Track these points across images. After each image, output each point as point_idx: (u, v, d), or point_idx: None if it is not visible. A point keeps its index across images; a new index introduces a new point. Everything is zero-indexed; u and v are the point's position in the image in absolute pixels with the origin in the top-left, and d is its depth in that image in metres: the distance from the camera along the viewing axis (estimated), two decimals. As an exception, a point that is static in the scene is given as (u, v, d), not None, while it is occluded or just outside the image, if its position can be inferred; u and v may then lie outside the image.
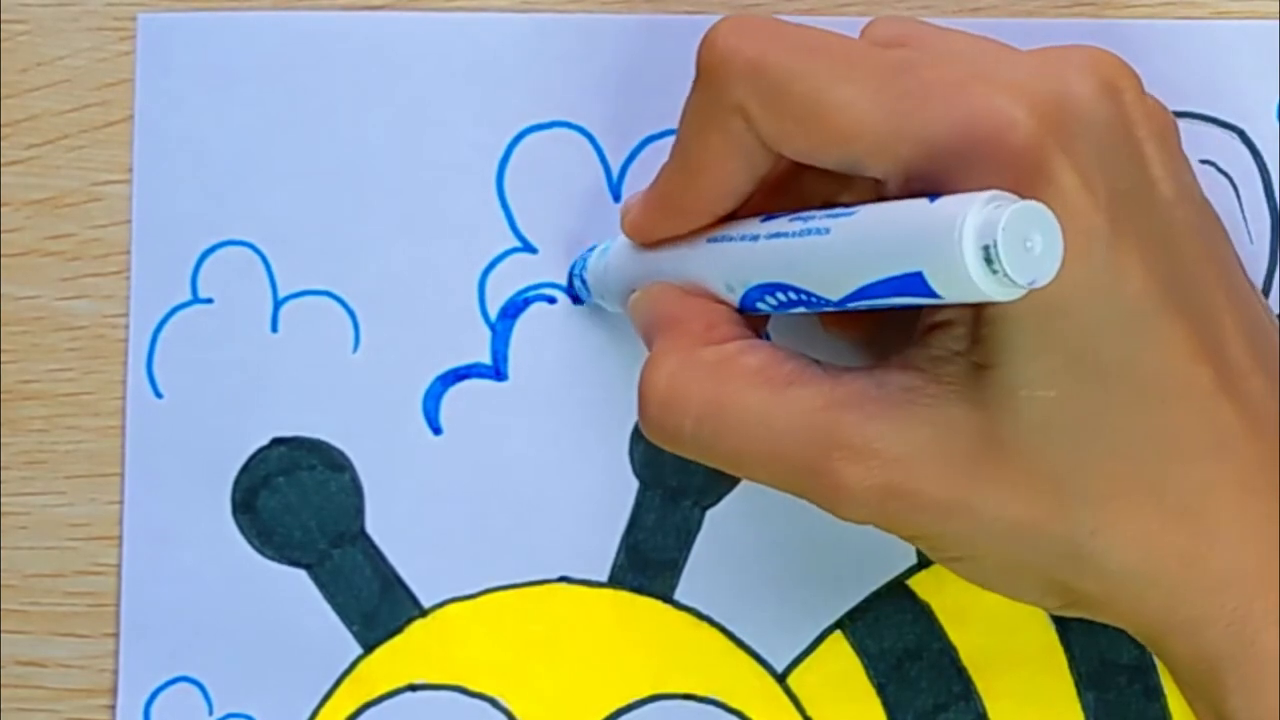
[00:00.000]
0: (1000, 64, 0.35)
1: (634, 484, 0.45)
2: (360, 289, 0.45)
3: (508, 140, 0.45)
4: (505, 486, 0.45)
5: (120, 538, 0.45)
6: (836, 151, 0.35)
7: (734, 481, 0.45)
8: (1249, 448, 0.36)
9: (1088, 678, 0.44)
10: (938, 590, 0.44)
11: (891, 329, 0.40)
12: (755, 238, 0.37)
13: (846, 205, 0.35)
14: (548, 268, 0.45)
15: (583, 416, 0.45)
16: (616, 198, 0.45)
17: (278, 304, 0.45)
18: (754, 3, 0.45)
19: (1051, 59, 0.36)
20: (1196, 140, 0.43)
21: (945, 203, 0.32)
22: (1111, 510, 0.35)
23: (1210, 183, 0.43)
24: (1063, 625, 0.44)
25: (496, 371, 0.45)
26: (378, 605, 0.45)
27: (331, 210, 0.45)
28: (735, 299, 0.38)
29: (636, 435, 0.45)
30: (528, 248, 0.45)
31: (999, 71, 0.35)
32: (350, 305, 0.45)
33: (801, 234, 0.35)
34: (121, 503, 0.45)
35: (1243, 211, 0.43)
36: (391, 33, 0.45)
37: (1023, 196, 0.31)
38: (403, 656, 0.45)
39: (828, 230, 0.34)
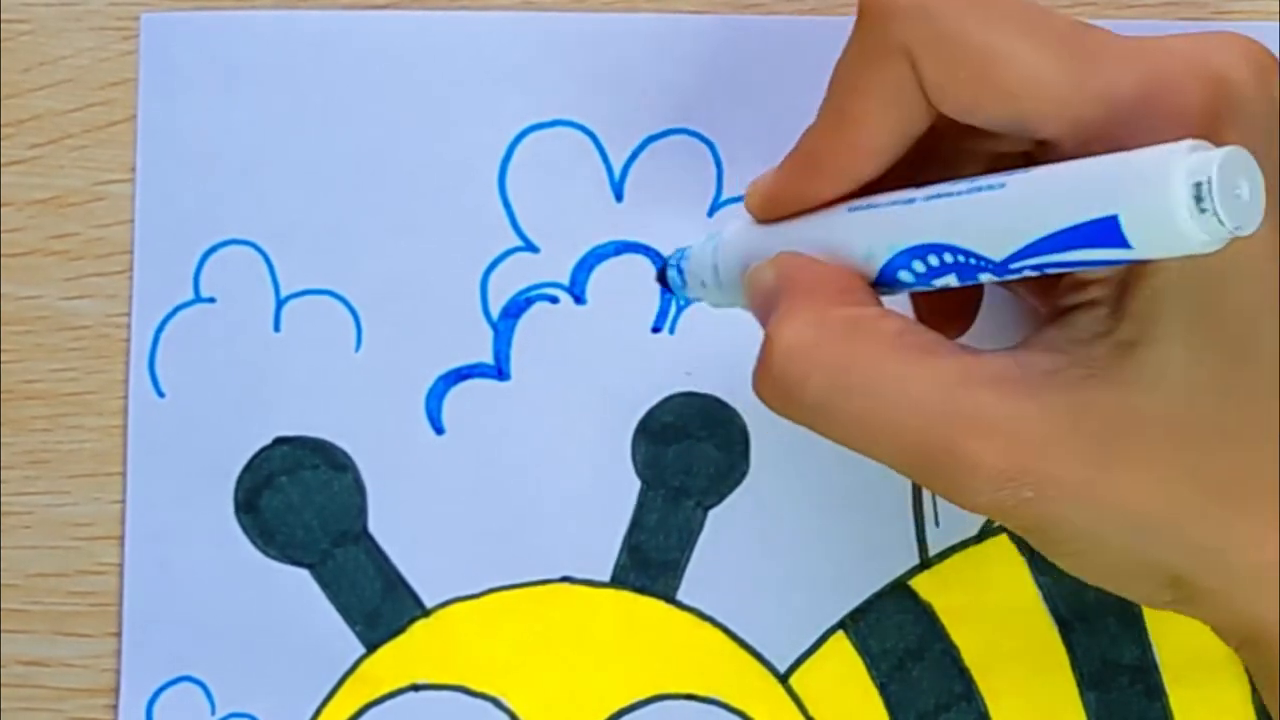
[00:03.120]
0: (1164, 39, 0.34)
1: (636, 484, 0.45)
2: (362, 288, 0.45)
3: (510, 139, 0.45)
4: (507, 486, 0.45)
5: (123, 537, 0.45)
6: (1007, 107, 0.34)
7: (736, 481, 0.45)
8: None
9: (1089, 678, 0.44)
10: (940, 591, 0.44)
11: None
12: (910, 201, 0.35)
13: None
14: (550, 267, 0.45)
15: (585, 416, 0.45)
16: (618, 197, 0.45)
17: (280, 303, 0.45)
18: (754, 3, 0.45)
19: (1213, 41, 0.35)
20: (1199, 140, 0.43)
21: (1149, 150, 0.30)
22: (1245, 503, 0.34)
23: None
24: (1064, 625, 0.44)
25: (499, 371, 0.45)
26: (380, 605, 0.45)
27: (334, 210, 0.45)
28: (875, 268, 0.36)
29: (639, 435, 0.45)
30: (530, 247, 0.45)
31: (1167, 44, 0.34)
32: (352, 305, 0.45)
33: (969, 192, 0.34)
34: (124, 502, 0.45)
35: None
36: (394, 32, 0.45)
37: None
38: (405, 656, 0.45)
39: (1002, 185, 0.33)
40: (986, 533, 0.44)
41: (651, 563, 0.45)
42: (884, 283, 0.36)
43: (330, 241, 0.45)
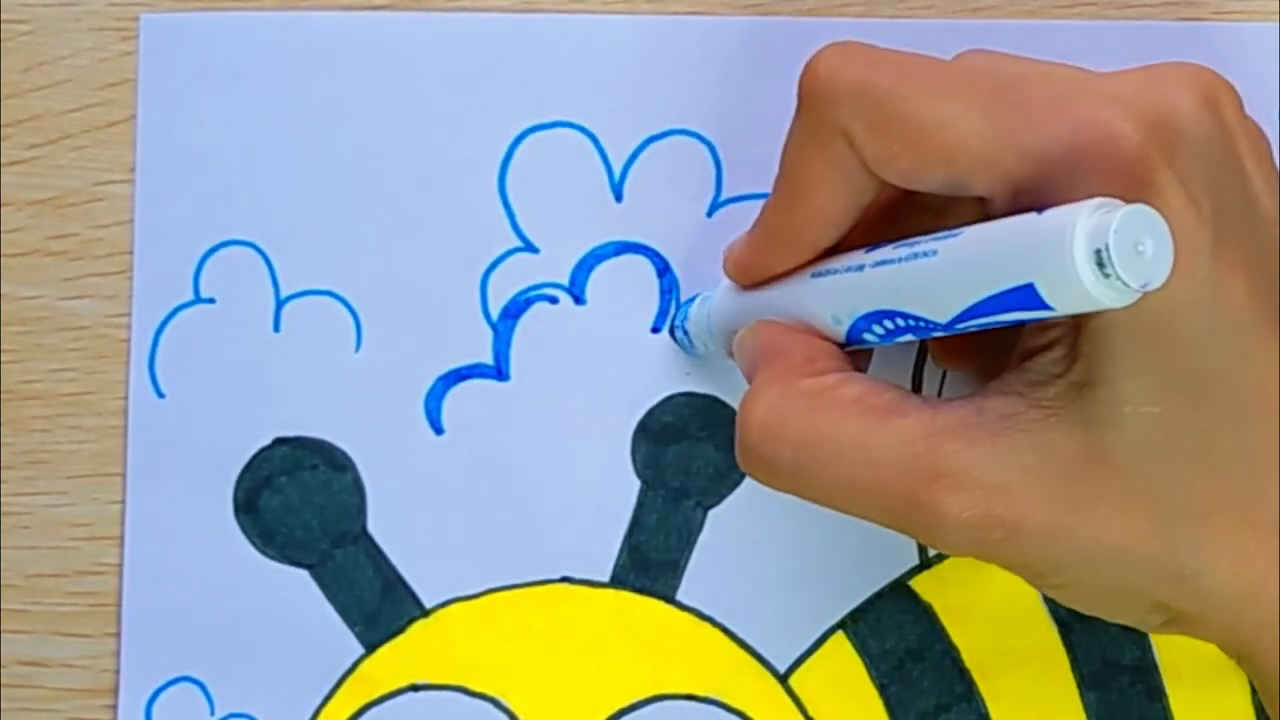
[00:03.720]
0: (1102, 80, 0.35)
1: (636, 484, 0.45)
2: (362, 289, 0.45)
3: (509, 140, 0.45)
4: (507, 486, 0.45)
5: (122, 538, 0.45)
6: (942, 170, 0.35)
7: (736, 482, 0.45)
8: None
9: (1089, 678, 0.44)
10: (940, 591, 0.44)
11: (994, 356, 0.40)
12: (860, 268, 0.37)
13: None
14: (549, 268, 0.45)
15: (585, 416, 0.45)
16: (618, 197, 0.45)
17: (280, 304, 0.45)
18: (754, 3, 0.45)
19: (1153, 75, 0.35)
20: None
21: (1054, 213, 0.31)
22: (1211, 528, 0.35)
23: (1212, 183, 0.43)
24: (1065, 626, 0.44)
25: (498, 371, 0.45)
26: (379, 605, 0.45)
27: (334, 210, 0.45)
28: (842, 331, 0.38)
29: (638, 435, 0.45)
30: (529, 248, 0.45)
31: (1102, 87, 0.35)
32: (352, 305, 0.45)
33: (908, 259, 0.35)
34: (123, 502, 0.45)
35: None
36: (393, 33, 0.45)
37: (1128, 202, 0.31)
38: (404, 656, 0.45)
39: (935, 252, 0.34)
40: (986, 533, 0.44)
41: (651, 563, 0.45)
42: (853, 342, 0.38)
43: (330, 242, 0.45)
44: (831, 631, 0.44)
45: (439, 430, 0.45)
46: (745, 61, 0.45)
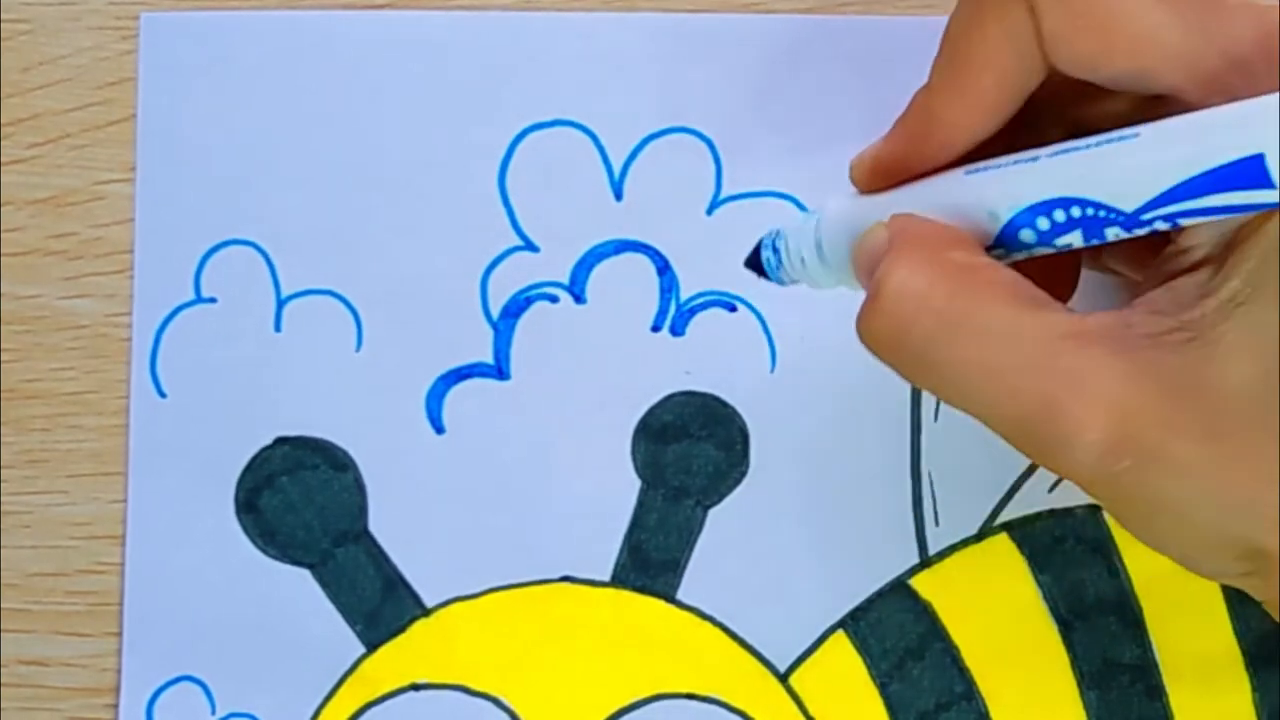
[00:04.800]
0: None
1: (636, 483, 0.45)
2: (363, 288, 0.45)
3: (510, 139, 0.45)
4: (508, 486, 0.45)
5: (123, 537, 0.45)
6: (1127, 60, 0.34)
7: (736, 481, 0.45)
8: None
9: (1089, 677, 0.44)
10: (940, 590, 0.44)
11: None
12: (1035, 159, 0.34)
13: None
14: (550, 266, 0.45)
15: (585, 416, 0.45)
16: (618, 196, 0.45)
17: (281, 303, 0.45)
18: (754, 1, 0.45)
19: None
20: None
21: None
22: None
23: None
24: (1065, 625, 0.44)
25: (499, 370, 0.45)
26: (380, 605, 0.45)
27: (334, 209, 0.45)
28: (996, 228, 0.35)
29: (639, 434, 0.45)
30: (530, 246, 0.45)
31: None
32: (353, 304, 0.45)
33: (1100, 144, 0.33)
34: (124, 502, 0.45)
35: (1245, 211, 0.43)
36: (394, 32, 0.45)
37: None
38: (405, 656, 0.45)
39: (1136, 135, 0.32)
40: (986, 531, 0.44)
41: (651, 562, 0.45)
42: (1003, 244, 0.35)
43: (331, 241, 0.45)
44: (831, 630, 0.44)
45: (440, 429, 0.45)
46: (745, 60, 0.45)
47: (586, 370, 0.45)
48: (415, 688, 0.45)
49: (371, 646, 0.45)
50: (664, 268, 0.45)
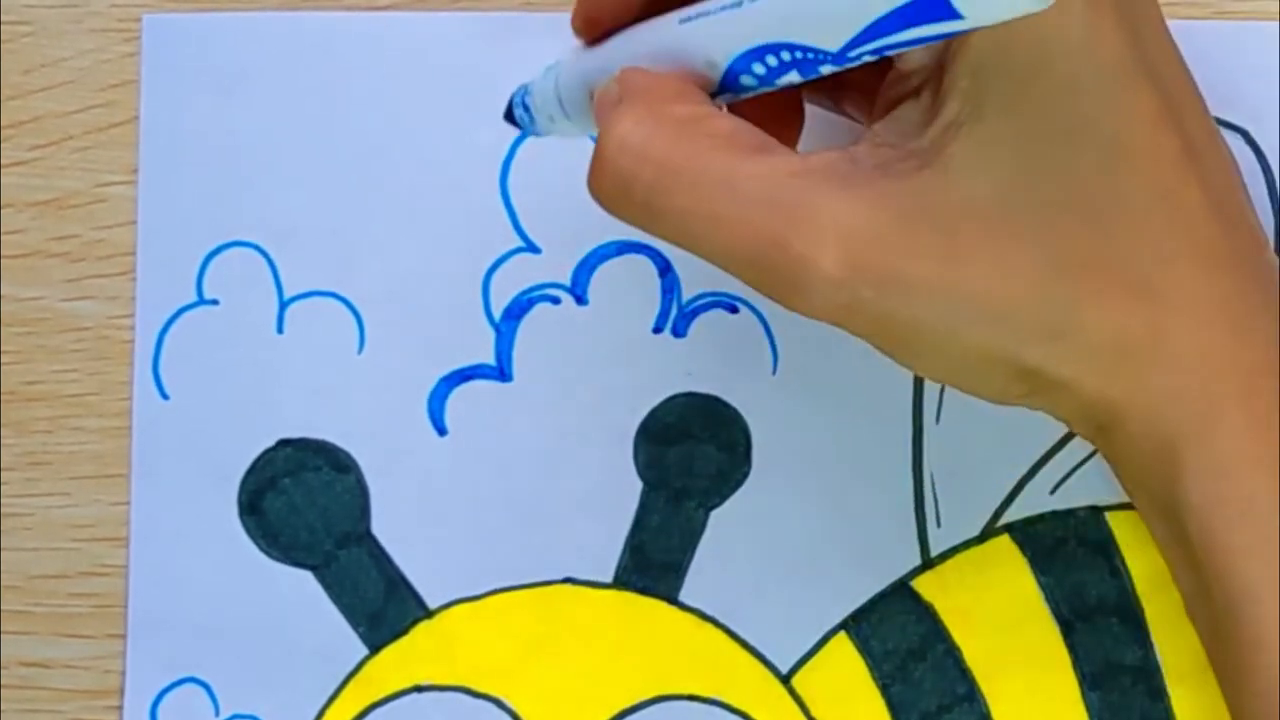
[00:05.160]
0: None
1: (638, 485, 0.45)
2: (365, 290, 0.45)
3: (511, 140, 0.45)
4: (510, 487, 0.45)
5: (126, 539, 0.45)
6: None
7: (738, 482, 0.45)
8: (1209, 223, 0.35)
9: (1091, 678, 0.44)
10: (941, 592, 0.44)
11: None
12: (739, 4, 0.34)
13: None
14: (552, 268, 0.45)
15: (587, 417, 0.45)
16: (621, 199, 0.45)
17: (283, 305, 0.45)
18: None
19: None
20: (1200, 141, 0.43)
21: None
22: (1086, 283, 0.34)
23: (1214, 184, 0.43)
24: (1067, 626, 0.44)
25: (501, 372, 0.45)
26: (383, 606, 0.45)
27: (336, 211, 0.45)
28: (717, 76, 0.35)
29: (641, 436, 0.45)
30: (531, 248, 0.45)
31: None
32: (355, 306, 0.45)
33: None
34: (127, 504, 0.45)
35: (1247, 212, 0.43)
36: (396, 33, 0.45)
37: None
38: (408, 657, 0.45)
39: None
40: (989, 533, 0.44)
41: (653, 564, 0.45)
42: (728, 88, 0.35)
43: (333, 243, 0.45)
44: (833, 632, 0.44)
45: (442, 431, 0.45)
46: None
47: (588, 372, 0.45)
48: (418, 689, 0.45)
49: (374, 648, 0.45)
50: (666, 269, 0.45)
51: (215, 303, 0.46)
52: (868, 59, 0.32)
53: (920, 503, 0.44)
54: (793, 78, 0.34)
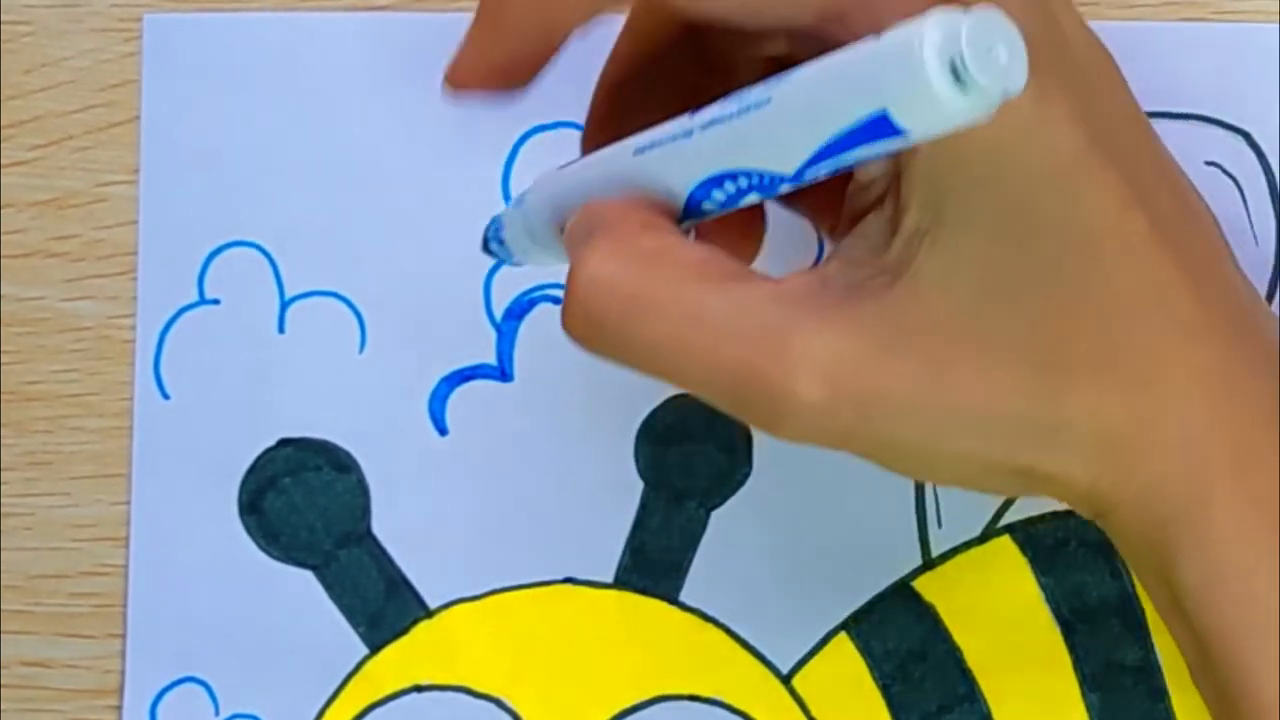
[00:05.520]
0: None
1: (639, 485, 0.45)
2: (366, 290, 0.45)
3: (514, 140, 0.45)
4: (510, 487, 0.45)
5: (126, 539, 0.45)
6: (758, 5, 0.33)
7: (739, 483, 0.45)
8: (1188, 296, 0.35)
9: (1092, 679, 0.44)
10: (942, 592, 0.44)
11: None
12: (688, 133, 0.34)
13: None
14: (553, 268, 0.45)
15: (588, 417, 0.45)
16: (622, 199, 0.45)
17: (284, 305, 0.45)
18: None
19: None
20: (1201, 142, 0.43)
21: (895, 32, 0.29)
22: (1068, 380, 0.34)
23: (1215, 185, 0.43)
24: (1067, 627, 0.44)
25: (502, 372, 0.45)
26: (383, 606, 0.45)
27: (338, 211, 0.45)
28: (679, 205, 0.35)
29: (642, 436, 0.45)
30: (533, 248, 0.45)
31: None
32: (356, 306, 0.45)
33: (740, 113, 0.33)
34: (127, 504, 0.45)
35: (1248, 213, 0.43)
36: (397, 33, 0.45)
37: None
38: (408, 657, 0.45)
39: (768, 100, 0.32)
40: (989, 533, 0.44)
41: (654, 564, 0.45)
42: (693, 214, 0.35)
43: (334, 243, 0.45)
44: (834, 632, 0.44)
45: (443, 431, 0.45)
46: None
47: (589, 372, 0.45)
48: (418, 689, 0.45)
49: (374, 648, 0.45)
50: (667, 270, 0.45)
51: (216, 302, 0.46)
52: (824, 174, 0.32)
53: (921, 503, 0.44)
54: (753, 199, 0.34)
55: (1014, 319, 0.33)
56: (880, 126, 0.30)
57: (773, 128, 0.32)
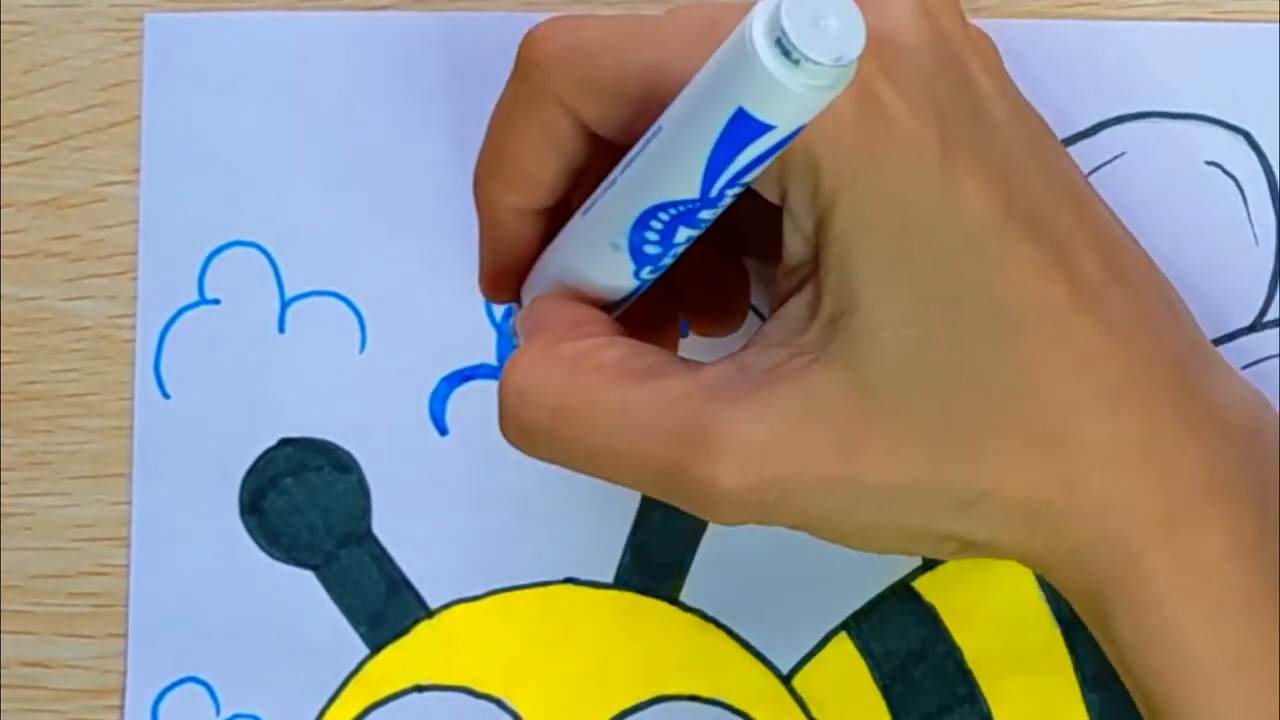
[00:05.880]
0: None
1: (639, 485, 0.45)
2: (367, 289, 0.45)
3: (514, 141, 0.45)
4: (511, 487, 0.45)
5: (126, 539, 0.45)
6: (656, 113, 0.34)
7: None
8: (1111, 359, 0.35)
9: (1092, 679, 0.44)
10: (943, 592, 0.44)
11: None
12: (613, 182, 0.35)
13: None
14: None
15: (588, 418, 0.45)
16: (622, 199, 0.45)
17: (285, 304, 0.45)
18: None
19: None
20: (1201, 142, 0.43)
21: (734, 33, 0.30)
22: (987, 450, 0.34)
23: (1215, 185, 0.43)
24: (1068, 627, 0.44)
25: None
26: (384, 606, 0.45)
27: (338, 211, 0.45)
28: (626, 255, 0.36)
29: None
30: (533, 248, 0.45)
31: None
32: (357, 306, 0.45)
33: (643, 146, 0.34)
34: (128, 504, 0.45)
35: (1248, 213, 0.43)
36: (397, 33, 0.45)
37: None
38: (409, 657, 0.45)
39: (660, 127, 0.33)
40: (990, 534, 0.44)
41: (655, 564, 0.45)
42: (644, 262, 0.36)
43: (334, 243, 0.45)
44: (834, 632, 0.44)
45: (443, 431, 0.45)
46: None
47: (590, 372, 0.45)
48: (419, 689, 0.45)
49: (375, 648, 0.45)
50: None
51: (217, 302, 0.46)
52: (729, 197, 0.33)
53: (921, 503, 0.44)
54: (688, 232, 0.35)
55: (928, 395, 0.34)
56: (746, 124, 0.30)
57: (667, 153, 0.33)
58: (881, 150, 0.33)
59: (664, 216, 0.34)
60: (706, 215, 0.34)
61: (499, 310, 0.45)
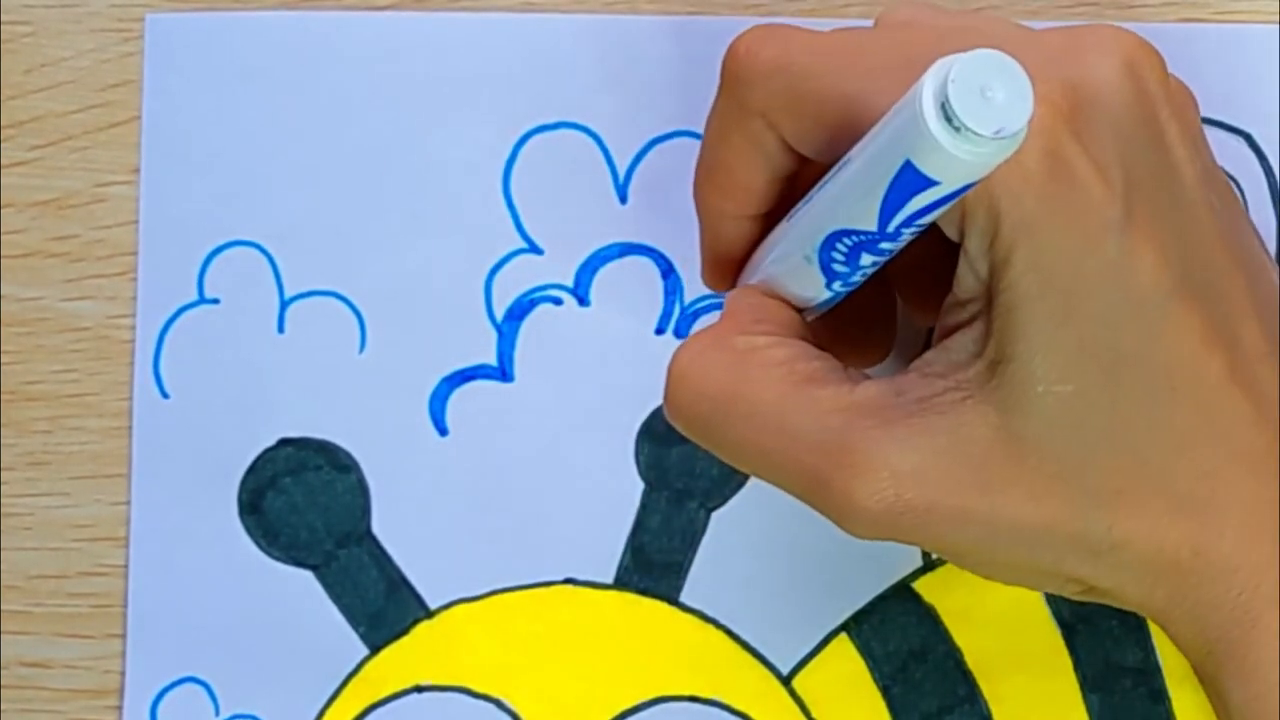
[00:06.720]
0: (1014, 45, 0.33)
1: (639, 485, 0.45)
2: (367, 290, 0.45)
3: (514, 141, 0.45)
4: (511, 488, 0.45)
5: (125, 539, 0.45)
6: (847, 144, 0.35)
7: (739, 483, 0.45)
8: (1255, 434, 0.36)
9: (1092, 680, 0.44)
10: (943, 593, 0.44)
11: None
12: (810, 199, 0.36)
13: None
14: (554, 269, 0.45)
15: (588, 418, 0.45)
16: (623, 199, 0.45)
17: (284, 304, 0.45)
18: (755, 3, 0.45)
19: (1074, 40, 0.35)
20: (1202, 143, 0.43)
21: (911, 90, 0.31)
22: (1122, 507, 0.35)
23: (1216, 186, 0.43)
24: (1068, 628, 0.44)
25: (502, 373, 0.45)
26: (384, 606, 0.45)
27: (338, 211, 0.45)
28: (817, 269, 0.37)
29: (642, 437, 0.45)
30: (534, 249, 0.45)
31: (1018, 53, 0.33)
32: (357, 306, 0.45)
33: (836, 172, 0.35)
34: (127, 504, 0.45)
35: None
36: (398, 33, 0.45)
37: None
38: (409, 658, 0.45)
39: (850, 159, 0.34)
40: (990, 535, 0.44)
41: (654, 564, 0.45)
42: (834, 277, 0.37)
43: (334, 243, 0.45)
44: (834, 633, 0.44)
45: (443, 431, 0.45)
46: (749, 63, 0.45)
47: (590, 373, 0.45)
48: (418, 689, 0.45)
49: (374, 648, 0.45)
50: (668, 271, 0.45)
51: (216, 302, 0.45)
52: (907, 235, 0.34)
53: (921, 504, 0.44)
54: (873, 259, 0.35)
55: (1074, 448, 0.35)
56: (913, 176, 0.31)
57: (852, 185, 0.34)
58: (1064, 211, 0.34)
59: (848, 241, 0.35)
60: (887, 246, 0.35)
61: (499, 311, 0.45)
